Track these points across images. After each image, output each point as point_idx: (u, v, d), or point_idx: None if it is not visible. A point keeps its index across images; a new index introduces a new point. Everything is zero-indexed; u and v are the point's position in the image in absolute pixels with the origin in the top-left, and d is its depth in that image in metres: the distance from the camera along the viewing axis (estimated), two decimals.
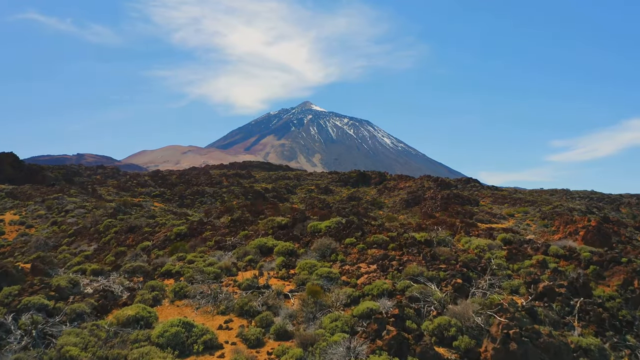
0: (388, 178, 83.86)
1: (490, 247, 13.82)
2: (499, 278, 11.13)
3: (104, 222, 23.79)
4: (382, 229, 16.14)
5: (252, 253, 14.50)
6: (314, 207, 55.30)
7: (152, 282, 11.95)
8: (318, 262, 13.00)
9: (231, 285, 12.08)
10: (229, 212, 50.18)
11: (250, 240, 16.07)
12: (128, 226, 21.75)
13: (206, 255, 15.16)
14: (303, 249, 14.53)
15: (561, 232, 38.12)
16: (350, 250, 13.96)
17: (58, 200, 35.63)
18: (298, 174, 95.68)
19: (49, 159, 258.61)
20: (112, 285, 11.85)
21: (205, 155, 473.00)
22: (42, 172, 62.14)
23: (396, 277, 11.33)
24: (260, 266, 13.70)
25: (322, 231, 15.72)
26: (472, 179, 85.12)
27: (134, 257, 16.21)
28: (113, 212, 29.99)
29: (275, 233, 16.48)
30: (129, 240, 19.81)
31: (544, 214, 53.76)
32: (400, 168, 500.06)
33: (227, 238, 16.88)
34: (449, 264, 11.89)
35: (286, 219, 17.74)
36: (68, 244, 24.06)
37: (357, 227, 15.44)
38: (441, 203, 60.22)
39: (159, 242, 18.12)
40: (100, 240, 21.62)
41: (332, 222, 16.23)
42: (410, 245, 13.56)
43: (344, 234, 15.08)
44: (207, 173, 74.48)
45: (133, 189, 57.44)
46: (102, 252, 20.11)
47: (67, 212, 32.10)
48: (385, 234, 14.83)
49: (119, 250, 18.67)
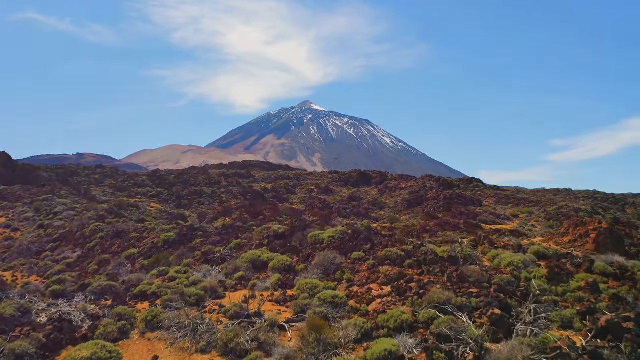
0: (389, 178, 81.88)
1: (525, 264, 11.70)
2: (544, 306, 9.01)
3: (91, 226, 21.85)
4: (394, 240, 14.11)
5: (244, 269, 12.56)
6: (314, 208, 53.23)
7: (120, 308, 9.88)
8: (320, 282, 10.95)
9: (216, 312, 10.01)
10: (227, 213, 48.29)
11: (242, 252, 14.14)
12: (115, 231, 19.89)
13: (191, 270, 13.21)
14: (302, 264, 12.58)
15: (571, 234, 36.04)
16: (359, 267, 12.05)
17: (47, 202, 33.64)
18: (298, 173, 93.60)
19: (48, 158, 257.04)
20: (73, 312, 9.79)
21: (205, 154, 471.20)
22: (36, 172, 60.22)
23: (417, 303, 9.24)
24: (253, 285, 11.70)
25: (325, 242, 13.80)
26: (474, 178, 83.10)
27: (117, 267, 14.39)
28: (104, 214, 28.02)
29: (270, 244, 14.56)
30: (115, 247, 17.96)
31: (549, 215, 51.72)
32: (401, 167, 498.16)
33: (216, 249, 14.86)
34: (480, 287, 9.78)
35: (283, 227, 15.76)
36: (52, 250, 22.28)
37: (366, 238, 13.46)
38: (444, 203, 58.30)
39: (145, 249, 16.27)
40: (85, 246, 19.74)
41: (336, 231, 14.27)
42: (431, 262, 11.49)
43: (350, 247, 13.07)
44: (205, 173, 72.42)
45: (129, 189, 55.49)
46: (85, 259, 18.27)
47: (55, 215, 30.14)
48: (399, 246, 12.82)
49: (103, 258, 16.82)
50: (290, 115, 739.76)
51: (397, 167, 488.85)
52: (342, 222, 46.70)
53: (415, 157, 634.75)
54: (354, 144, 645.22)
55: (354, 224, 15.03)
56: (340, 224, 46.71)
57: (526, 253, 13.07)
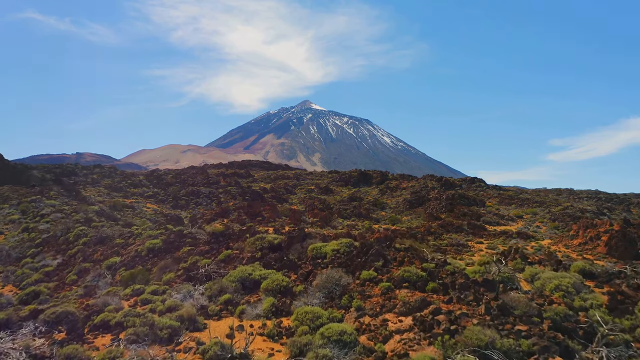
0: (390, 178, 79.87)
1: (576, 289, 9.54)
2: (616, 349, 6.91)
3: (75, 230, 19.99)
4: (412, 255, 11.94)
5: (231, 290, 10.57)
6: (314, 208, 51.29)
7: (71, 347, 7.82)
8: (323, 311, 8.91)
9: (192, 351, 7.94)
10: (224, 214, 46.24)
11: (231, 267, 12.20)
12: (99, 236, 18.03)
13: (169, 291, 11.18)
14: (301, 285, 10.57)
15: (581, 236, 34.00)
16: (370, 291, 9.89)
17: (35, 203, 31.64)
18: (297, 173, 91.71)
19: (47, 158, 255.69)
20: (11, 352, 7.72)
21: (205, 154, 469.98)
22: (28, 171, 58.41)
23: (448, 345, 7.14)
24: (241, 312, 9.69)
25: (328, 257, 11.70)
26: (477, 178, 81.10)
27: (96, 278, 12.68)
28: (92, 217, 26.07)
29: (264, 257, 12.59)
30: (97, 255, 16.15)
31: (554, 216, 49.71)
32: (400, 167, 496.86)
33: (203, 261, 12.81)
34: (530, 322, 7.62)
35: (279, 237, 13.80)
36: (33, 256, 20.52)
37: (378, 252, 11.32)
38: (446, 204, 56.32)
39: (128, 258, 14.33)
40: (67, 253, 17.90)
41: (341, 243, 12.20)
42: (462, 287, 9.33)
43: (358, 263, 10.99)
44: (204, 172, 70.45)
45: (126, 189, 53.65)
46: (66, 267, 16.48)
47: (42, 217, 28.17)
48: (419, 264, 10.69)
49: (83, 267, 15.06)
50: (290, 114, 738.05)
51: (397, 167, 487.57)
52: (343, 224, 44.78)
53: (415, 156, 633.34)
54: (354, 143, 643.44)
55: (363, 235, 12.88)
56: (341, 225, 44.70)
57: (568, 270, 10.93)
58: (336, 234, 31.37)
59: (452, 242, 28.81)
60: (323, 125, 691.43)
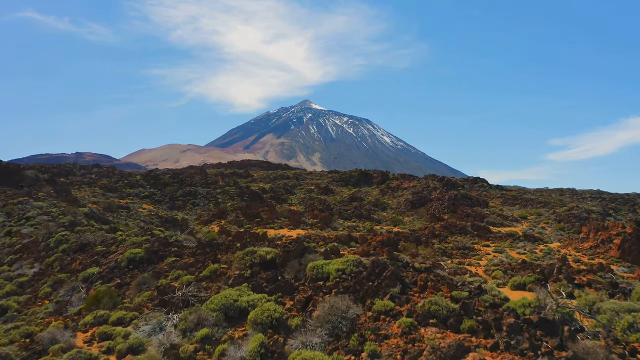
0: (391, 177, 79.28)
1: None
2: None
3: (57, 235, 19.11)
4: (437, 277, 9.86)
5: (211, 322, 8.96)
6: (313, 209, 50.89)
7: None
8: (327, 358, 7.57)
9: None
10: (222, 216, 45.70)
11: (214, 288, 10.65)
12: (79, 243, 16.98)
13: (136, 321, 9.79)
14: (298, 317, 8.90)
15: (591, 239, 33.40)
16: (387, 328, 8.06)
17: (22, 205, 30.88)
18: (297, 173, 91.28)
19: (47, 157, 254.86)
20: None
21: (205, 154, 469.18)
22: (21, 172, 57.82)
23: None
24: (221, 353, 8.06)
25: (331, 278, 9.89)
26: (479, 178, 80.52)
27: (70, 292, 11.71)
28: (81, 219, 25.36)
29: (255, 276, 10.74)
30: (76, 264, 15.13)
31: (559, 217, 49.13)
32: (400, 167, 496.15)
33: (185, 278, 11.53)
34: None
35: (274, 252, 11.80)
36: (10, 263, 19.42)
37: (393, 275, 9.39)
38: (449, 204, 55.80)
39: (107, 269, 13.37)
40: (45, 261, 16.90)
41: (348, 262, 10.31)
42: (512, 329, 7.33)
43: (369, 288, 9.18)
44: (202, 172, 69.92)
45: (121, 189, 53.02)
46: (42, 277, 15.51)
47: (27, 220, 27.42)
48: (446, 290, 8.81)
49: (59, 278, 14.03)
50: (289, 114, 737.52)
51: (397, 167, 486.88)
52: (344, 225, 44.12)
53: (414, 156, 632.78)
54: (354, 143, 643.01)
55: (377, 256, 11.44)
56: (342, 226, 43.95)
57: (629, 296, 9.46)
58: (337, 236, 30.83)
59: (458, 245, 28.17)
60: (323, 124, 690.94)
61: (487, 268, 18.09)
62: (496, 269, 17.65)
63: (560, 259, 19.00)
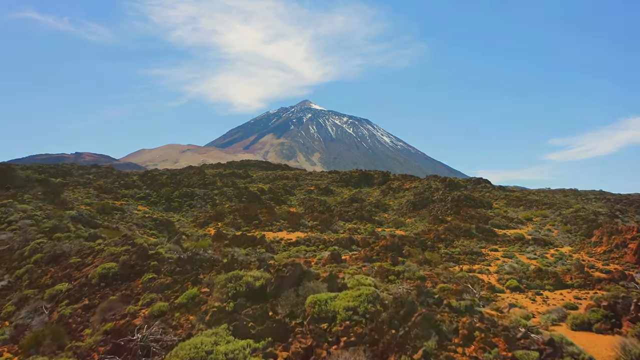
0: (392, 178, 77.80)
1: None
2: None
3: (32, 243, 17.54)
4: (483, 321, 7.65)
5: None
6: (313, 211, 49.54)
7: None
8: None
9: None
10: (219, 218, 44.36)
11: (187, 326, 8.35)
12: (52, 253, 15.32)
13: None
14: None
15: (605, 244, 31.89)
16: None
17: (5, 208, 29.43)
18: (297, 173, 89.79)
19: (46, 157, 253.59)
20: None
21: (204, 154, 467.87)
22: (12, 172, 56.52)
23: None
24: None
25: (339, 320, 7.60)
26: (482, 179, 79.04)
27: (31, 313, 10.01)
28: (66, 223, 23.93)
29: (238, 312, 8.37)
30: (46, 277, 13.47)
31: (565, 218, 47.67)
32: (400, 167, 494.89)
33: (157, 306, 9.28)
34: None
35: (264, 277, 9.51)
36: None
37: (425, 320, 7.20)
38: (452, 205, 54.40)
39: (77, 286, 11.74)
40: (14, 273, 15.25)
41: (361, 297, 8.06)
42: None
43: (393, 340, 6.91)
44: (201, 173, 68.39)
45: (117, 190, 51.53)
46: (9, 292, 13.92)
47: (9, 224, 25.96)
48: (503, 345, 6.63)
49: (25, 295, 12.38)
50: (289, 114, 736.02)
51: (397, 167, 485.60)
52: (344, 227, 42.73)
53: (415, 156, 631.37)
54: (354, 143, 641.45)
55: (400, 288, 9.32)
56: (342, 228, 42.53)
57: None
58: (337, 240, 29.51)
59: (465, 250, 26.80)
60: (322, 125, 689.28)
61: (500, 277, 16.79)
62: (510, 277, 16.33)
63: (577, 266, 17.71)
